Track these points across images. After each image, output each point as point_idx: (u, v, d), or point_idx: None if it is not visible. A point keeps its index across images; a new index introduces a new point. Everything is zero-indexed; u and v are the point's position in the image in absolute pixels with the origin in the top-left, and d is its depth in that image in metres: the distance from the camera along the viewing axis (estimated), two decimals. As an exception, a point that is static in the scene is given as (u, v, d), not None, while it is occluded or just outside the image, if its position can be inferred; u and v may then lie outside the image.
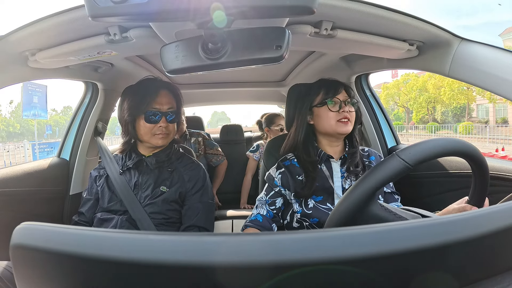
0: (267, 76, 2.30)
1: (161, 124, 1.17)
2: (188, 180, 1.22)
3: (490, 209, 0.41)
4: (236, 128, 3.09)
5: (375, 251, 0.34)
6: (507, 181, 1.06)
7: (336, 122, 1.14)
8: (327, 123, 1.15)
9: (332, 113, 1.14)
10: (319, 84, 1.21)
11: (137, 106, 1.15)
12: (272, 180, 1.21)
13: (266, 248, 0.34)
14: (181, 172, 1.23)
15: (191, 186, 1.22)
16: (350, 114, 1.15)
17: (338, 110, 1.14)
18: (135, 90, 1.21)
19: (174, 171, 1.22)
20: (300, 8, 0.48)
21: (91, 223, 1.19)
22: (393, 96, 35.49)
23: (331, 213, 0.68)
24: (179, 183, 1.20)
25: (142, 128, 1.16)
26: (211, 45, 0.61)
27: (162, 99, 1.18)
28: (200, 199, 1.22)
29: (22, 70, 1.14)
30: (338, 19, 0.94)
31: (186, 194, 1.21)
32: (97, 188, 1.22)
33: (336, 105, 1.15)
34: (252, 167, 2.63)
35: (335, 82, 1.21)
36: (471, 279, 0.40)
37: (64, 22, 0.89)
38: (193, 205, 1.20)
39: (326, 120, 1.15)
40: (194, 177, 1.24)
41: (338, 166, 1.19)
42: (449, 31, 0.99)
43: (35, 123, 14.32)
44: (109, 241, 0.35)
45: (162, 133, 1.17)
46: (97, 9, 0.47)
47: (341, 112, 1.14)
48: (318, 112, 1.18)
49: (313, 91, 1.21)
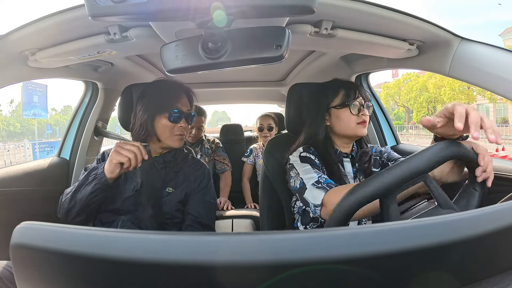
0: (267, 75, 2.30)
1: (182, 124, 1.17)
2: (194, 180, 1.22)
3: (490, 209, 0.41)
4: (236, 128, 3.09)
5: (375, 250, 0.34)
6: (507, 181, 1.06)
7: (356, 124, 1.15)
8: (347, 125, 1.16)
9: (354, 116, 1.15)
10: (337, 85, 1.21)
11: (160, 105, 1.15)
12: (312, 160, 1.15)
13: (267, 248, 0.34)
14: (187, 173, 1.23)
15: (196, 185, 1.22)
16: (367, 117, 1.17)
17: (358, 113, 1.15)
18: (156, 89, 1.21)
19: (180, 171, 1.22)
20: (300, 7, 0.47)
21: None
22: (393, 95, 35.44)
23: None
24: (185, 184, 1.20)
25: (162, 127, 1.16)
26: (211, 45, 0.61)
27: (183, 101, 1.20)
28: (203, 197, 1.22)
29: (22, 70, 1.14)
30: (338, 18, 0.94)
31: (191, 193, 1.21)
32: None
33: (356, 108, 1.16)
34: (247, 171, 2.66)
35: (353, 84, 1.21)
36: (471, 279, 0.40)
37: (64, 22, 0.89)
38: (197, 203, 1.20)
39: (347, 122, 1.16)
40: (199, 176, 1.24)
41: (350, 165, 1.21)
42: (449, 30, 0.99)
43: (35, 123, 14.31)
44: (109, 240, 0.35)
45: (181, 133, 1.18)
46: (97, 9, 0.47)
47: (361, 115, 1.15)
48: (338, 114, 1.18)
49: (331, 92, 1.20)
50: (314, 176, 1.07)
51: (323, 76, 1.27)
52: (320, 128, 1.20)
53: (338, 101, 1.18)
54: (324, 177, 1.07)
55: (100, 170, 1.05)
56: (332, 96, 1.20)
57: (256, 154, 2.65)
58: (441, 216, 0.39)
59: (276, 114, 2.81)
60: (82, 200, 1.05)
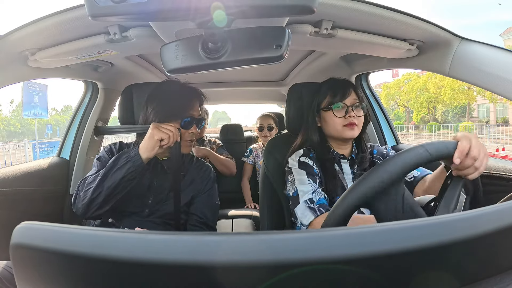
0: (267, 75, 2.30)
1: (193, 130, 1.16)
2: (200, 182, 1.23)
3: (490, 209, 0.41)
4: (236, 128, 3.09)
5: (375, 250, 0.34)
6: (507, 181, 1.06)
7: (342, 127, 1.11)
8: (333, 128, 1.13)
9: (338, 118, 1.11)
10: (327, 86, 1.18)
11: (174, 111, 1.13)
12: (309, 167, 1.13)
13: (267, 248, 0.34)
14: (193, 175, 1.23)
15: (202, 187, 1.22)
16: (358, 118, 1.12)
17: (344, 115, 1.11)
18: (168, 92, 1.18)
19: (186, 174, 1.22)
20: (300, 7, 0.47)
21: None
22: (393, 95, 35.38)
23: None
24: (191, 186, 1.21)
25: None
26: (211, 45, 0.61)
27: (195, 107, 1.18)
28: (209, 199, 1.23)
29: (22, 70, 1.14)
30: (338, 18, 0.94)
31: (197, 194, 1.21)
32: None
33: (343, 110, 1.12)
34: (247, 171, 2.66)
35: (344, 83, 1.17)
36: (471, 279, 0.40)
37: (64, 22, 0.89)
38: (203, 205, 1.20)
39: (332, 125, 1.13)
40: (206, 178, 1.25)
41: (348, 167, 1.19)
42: (449, 30, 0.99)
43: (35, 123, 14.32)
44: (109, 240, 0.35)
45: (191, 139, 1.17)
46: (97, 9, 0.47)
47: (347, 117, 1.10)
48: (325, 116, 1.16)
49: (321, 92, 1.18)
50: (309, 191, 1.06)
51: (323, 76, 1.26)
52: (313, 130, 1.18)
53: (325, 103, 1.15)
54: (318, 195, 1.06)
55: (133, 152, 1.03)
56: (321, 98, 1.17)
57: (256, 154, 2.65)
58: (441, 216, 0.39)
59: (276, 114, 2.82)
60: (111, 187, 1.00)
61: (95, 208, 1.02)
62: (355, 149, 1.23)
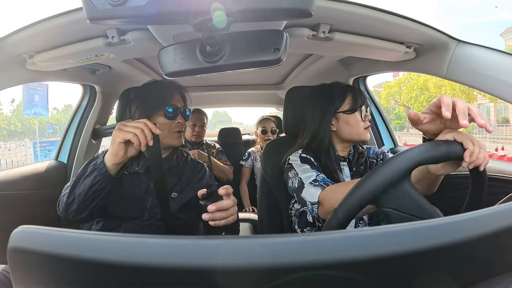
0: (264, 78, 2.31)
1: (179, 120, 1.15)
2: (197, 181, 1.22)
3: (489, 210, 0.41)
4: (234, 131, 3.09)
5: (376, 253, 0.34)
6: (506, 183, 1.06)
7: (364, 130, 1.16)
8: (356, 130, 1.16)
9: (362, 121, 1.16)
10: (344, 89, 1.20)
11: (155, 103, 1.13)
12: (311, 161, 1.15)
13: (265, 251, 0.34)
14: (189, 176, 1.22)
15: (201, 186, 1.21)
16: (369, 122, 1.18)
17: (364, 118, 1.17)
18: (148, 89, 1.19)
19: (182, 176, 1.21)
20: (297, 11, 0.48)
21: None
22: (394, 95, 35.33)
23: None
24: (189, 186, 1.20)
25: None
26: (209, 48, 0.61)
27: (176, 97, 1.18)
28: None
29: (19, 73, 1.14)
30: (336, 21, 0.94)
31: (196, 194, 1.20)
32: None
33: (363, 114, 1.17)
34: (246, 174, 2.67)
35: (357, 88, 1.21)
36: (470, 281, 0.40)
37: (62, 25, 0.89)
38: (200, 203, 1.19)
39: (356, 127, 1.16)
40: (201, 176, 1.25)
41: (347, 169, 1.21)
42: (446, 33, 1.00)
43: (36, 122, 14.35)
44: (107, 244, 0.35)
45: (179, 130, 1.16)
46: (95, 12, 0.47)
47: (366, 120, 1.17)
48: (347, 119, 1.16)
49: (336, 96, 1.19)
50: (313, 175, 1.07)
51: (321, 79, 1.27)
52: (325, 133, 1.18)
53: (347, 106, 1.17)
54: (322, 175, 1.07)
55: (100, 159, 0.97)
56: (339, 101, 1.18)
57: (254, 157, 2.65)
58: (440, 218, 0.39)
59: (274, 117, 2.83)
60: (81, 195, 0.95)
61: (73, 214, 0.99)
62: (353, 151, 1.25)
